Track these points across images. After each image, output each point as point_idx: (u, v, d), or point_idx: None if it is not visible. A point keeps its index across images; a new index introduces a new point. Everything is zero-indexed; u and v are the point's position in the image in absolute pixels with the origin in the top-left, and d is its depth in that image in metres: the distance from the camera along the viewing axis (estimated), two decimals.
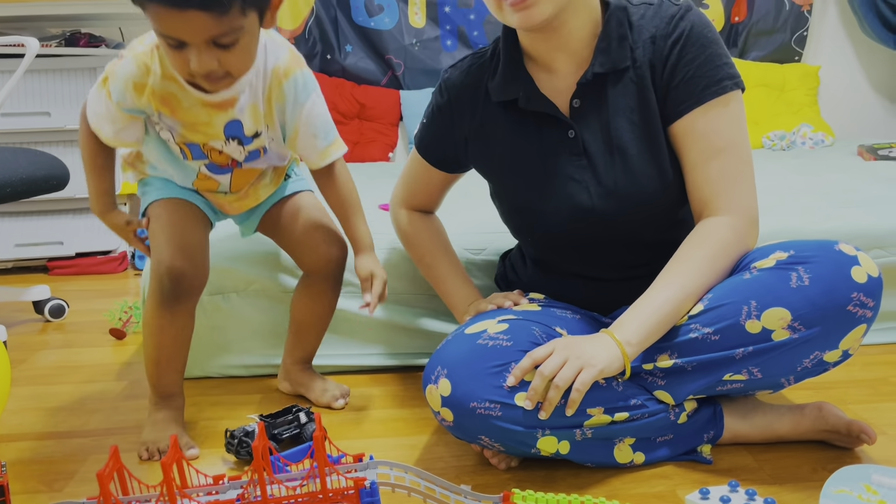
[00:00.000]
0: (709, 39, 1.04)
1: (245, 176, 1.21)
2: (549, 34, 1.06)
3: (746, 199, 1.03)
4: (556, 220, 1.12)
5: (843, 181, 1.92)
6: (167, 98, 1.08)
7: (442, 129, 1.21)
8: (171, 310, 1.16)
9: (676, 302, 0.99)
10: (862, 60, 3.04)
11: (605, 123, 1.08)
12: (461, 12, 2.86)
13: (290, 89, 1.11)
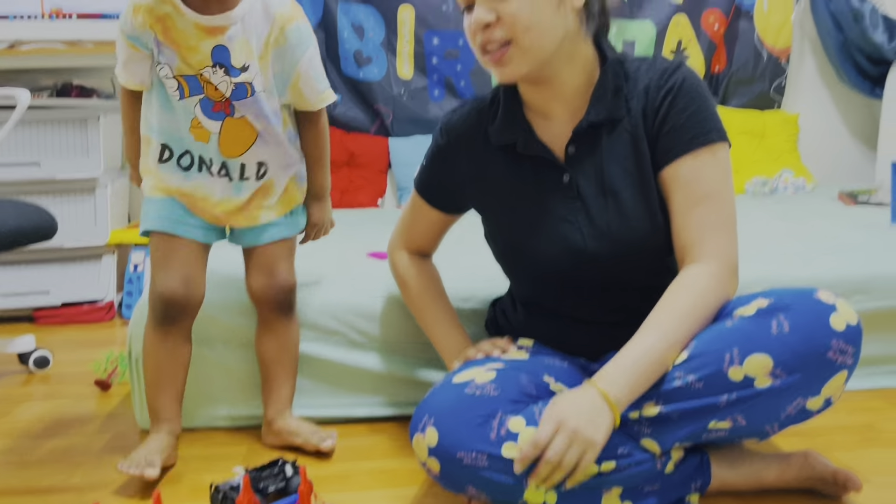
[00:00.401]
0: (698, 93, 1.09)
1: (236, 130, 1.23)
2: (542, 86, 1.11)
3: (727, 248, 1.06)
4: (548, 259, 1.14)
5: (825, 227, 1.95)
6: (162, 18, 1.16)
7: (441, 170, 1.25)
8: (166, 331, 1.27)
9: (662, 352, 1.00)
10: (840, 107, 3.11)
11: (598, 169, 1.12)
12: (448, 63, 2.91)
13: (294, 34, 1.20)
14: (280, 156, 1.29)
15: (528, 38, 1.04)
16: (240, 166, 1.25)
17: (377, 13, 2.85)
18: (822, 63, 3.05)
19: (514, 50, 1.04)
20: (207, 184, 1.26)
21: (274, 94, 1.25)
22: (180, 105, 1.21)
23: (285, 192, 1.34)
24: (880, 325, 1.50)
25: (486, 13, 1.04)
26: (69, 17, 2.53)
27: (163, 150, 1.24)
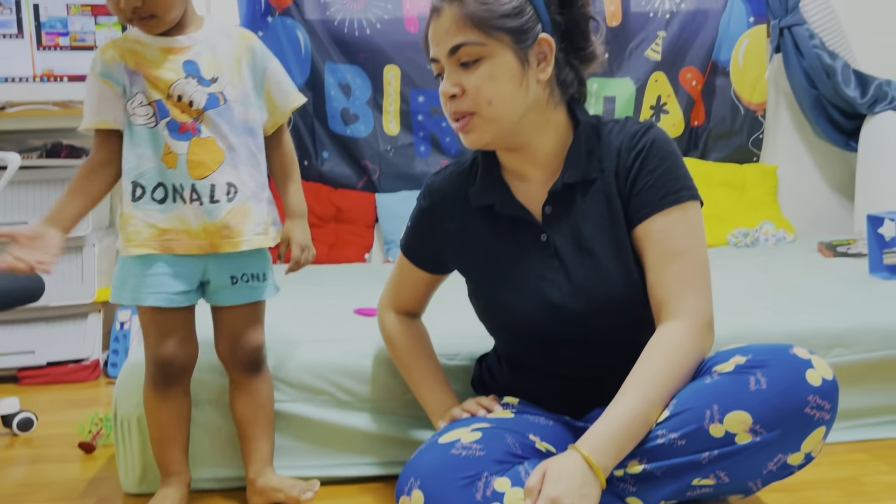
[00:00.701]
0: (668, 153, 1.13)
1: (204, 150, 1.24)
2: (516, 151, 1.16)
3: (701, 305, 1.08)
4: (528, 316, 1.17)
5: (805, 279, 1.99)
6: (131, 51, 1.24)
7: (426, 231, 1.28)
8: (165, 391, 1.32)
9: (644, 413, 1.01)
10: (817, 160, 3.18)
11: (575, 228, 1.15)
12: (433, 120, 2.97)
13: (258, 47, 1.30)
14: (252, 178, 1.29)
15: (489, 109, 1.09)
16: (209, 188, 1.25)
17: (363, 73, 2.92)
18: (797, 117, 3.14)
19: (477, 120, 1.10)
20: (183, 214, 1.26)
21: (251, 106, 1.29)
22: (152, 134, 1.23)
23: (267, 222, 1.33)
24: (861, 377, 1.52)
25: (450, 86, 1.10)
26: (60, 80, 2.58)
27: (134, 188, 1.25)
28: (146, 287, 1.27)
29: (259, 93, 1.31)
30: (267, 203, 1.33)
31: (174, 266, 1.28)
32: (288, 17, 2.86)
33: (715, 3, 2.99)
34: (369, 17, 2.90)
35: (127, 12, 1.20)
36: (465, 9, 1.08)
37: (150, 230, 1.26)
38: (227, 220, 1.26)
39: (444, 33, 1.10)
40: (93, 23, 2.58)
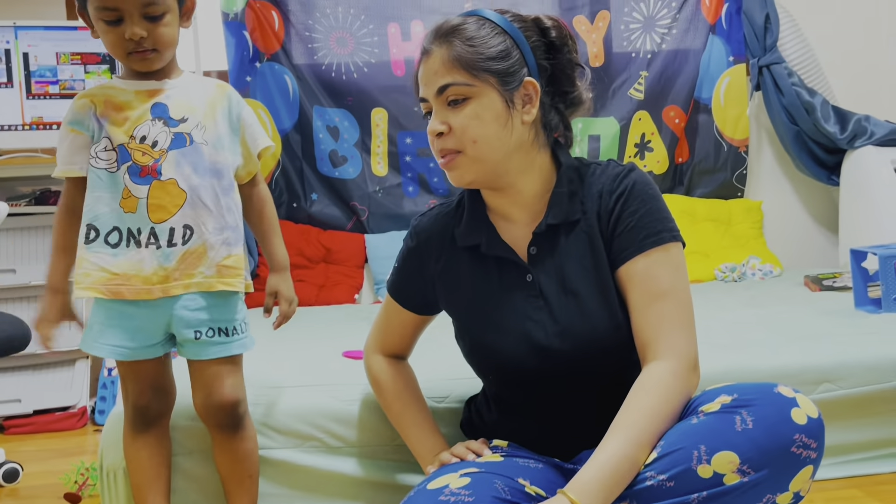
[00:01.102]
0: (649, 195, 1.14)
1: (163, 193, 1.24)
2: (501, 192, 1.17)
3: (686, 345, 1.09)
4: (514, 356, 1.17)
5: (791, 314, 2.00)
6: (104, 96, 1.26)
7: (412, 272, 1.28)
8: (143, 434, 1.32)
9: (631, 456, 1.00)
10: (800, 194, 3.23)
11: (559, 268, 1.16)
12: (421, 161, 3.00)
13: (233, 94, 1.34)
14: (211, 219, 1.27)
15: (474, 149, 1.11)
16: (168, 231, 1.24)
17: (351, 116, 2.96)
18: (779, 152, 3.19)
19: (462, 158, 1.12)
20: (136, 259, 1.23)
21: (223, 149, 1.29)
22: (112, 178, 1.24)
23: (224, 265, 1.28)
24: (849, 412, 1.52)
25: (438, 124, 1.12)
26: (50, 128, 2.60)
27: (88, 230, 1.25)
28: (103, 338, 1.27)
29: (235, 139, 1.32)
30: (224, 245, 1.28)
31: (133, 319, 1.25)
32: (276, 63, 2.90)
33: (695, 43, 3.06)
34: (356, 61, 2.94)
35: (130, 46, 1.22)
36: (452, 51, 1.11)
37: (101, 274, 1.24)
38: (180, 264, 1.25)
39: (432, 74, 1.12)
40: (82, 71, 2.61)
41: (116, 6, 1.19)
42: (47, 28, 2.59)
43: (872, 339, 1.66)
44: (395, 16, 2.95)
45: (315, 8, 2.91)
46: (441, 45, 1.12)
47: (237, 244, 1.30)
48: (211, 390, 1.31)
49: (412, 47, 2.96)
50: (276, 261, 1.40)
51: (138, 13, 1.20)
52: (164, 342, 1.30)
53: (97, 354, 1.29)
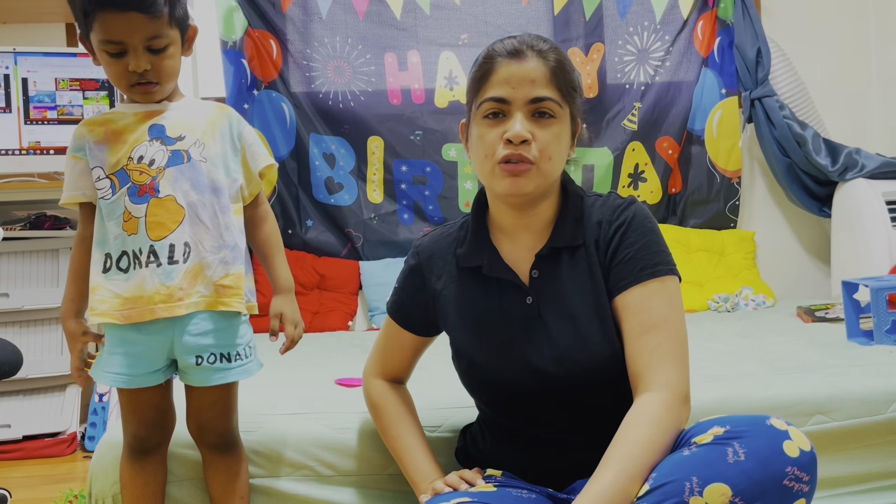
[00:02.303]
0: (648, 229, 1.17)
1: (162, 210, 1.24)
2: (523, 211, 1.20)
3: (678, 377, 1.10)
4: (510, 378, 1.18)
5: (784, 345, 2.00)
6: (101, 122, 1.29)
7: (413, 291, 1.30)
8: (141, 462, 1.33)
9: (624, 487, 1.01)
10: (793, 225, 3.25)
11: (559, 293, 1.18)
12: (417, 189, 3.02)
13: (232, 115, 1.35)
14: (209, 237, 1.27)
15: (547, 165, 1.14)
16: (168, 248, 1.24)
17: (347, 144, 2.99)
18: (772, 184, 3.22)
19: (534, 170, 1.13)
20: (139, 279, 1.24)
21: (219, 167, 1.29)
22: (111, 204, 1.25)
23: (222, 285, 1.28)
24: (842, 444, 1.52)
25: (525, 131, 1.11)
26: (47, 153, 2.61)
27: (105, 259, 1.26)
28: (107, 365, 1.27)
29: (236, 158, 1.33)
30: (221, 264, 1.27)
31: (135, 346, 1.26)
32: (273, 90, 2.93)
33: (688, 75, 3.10)
34: (353, 90, 2.97)
35: (133, 78, 1.23)
36: (549, 65, 1.13)
37: (115, 300, 1.24)
38: (182, 282, 1.24)
39: (528, 80, 1.12)
40: (80, 97, 2.63)
41: (121, 40, 1.21)
42: (46, 54, 2.61)
43: (864, 371, 1.67)
44: (392, 46, 2.98)
45: (313, 37, 2.95)
46: (541, 58, 1.13)
47: (235, 263, 1.29)
48: (207, 414, 1.33)
49: (409, 77, 3.00)
50: (280, 283, 1.39)
51: (142, 46, 1.22)
52: (165, 368, 1.31)
53: (101, 382, 1.29)
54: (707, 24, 3.06)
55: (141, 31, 1.20)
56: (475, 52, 3.09)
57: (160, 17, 1.21)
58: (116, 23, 1.19)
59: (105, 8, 1.19)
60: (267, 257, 1.39)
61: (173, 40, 1.25)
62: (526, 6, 3.03)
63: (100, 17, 1.19)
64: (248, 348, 1.33)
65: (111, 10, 1.19)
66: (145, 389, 1.29)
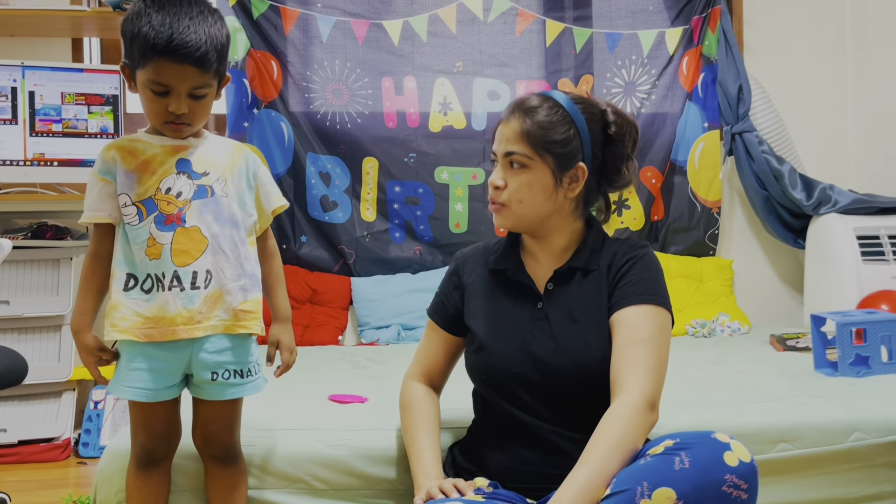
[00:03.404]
0: (655, 268, 1.36)
1: (187, 239, 1.32)
2: (536, 239, 1.40)
3: (651, 386, 1.24)
4: (512, 361, 1.35)
5: (755, 374, 2.11)
6: (130, 149, 1.36)
7: (450, 290, 1.49)
8: (147, 472, 1.40)
9: (599, 483, 1.15)
10: (769, 255, 3.37)
11: (568, 303, 1.36)
12: (409, 209, 3.12)
13: (249, 155, 1.45)
14: (229, 266, 1.36)
15: (518, 207, 1.36)
16: (191, 274, 1.32)
17: (343, 164, 3.07)
18: (750, 215, 3.34)
19: (506, 210, 1.37)
20: (162, 302, 1.32)
21: (236, 203, 1.38)
22: (137, 230, 1.32)
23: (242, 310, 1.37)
24: (803, 471, 1.62)
25: (498, 179, 1.37)
26: (51, 164, 2.68)
27: (128, 279, 1.33)
28: (128, 381, 1.34)
29: (250, 195, 1.43)
30: (241, 291, 1.37)
31: (156, 361, 1.34)
32: (273, 110, 3.01)
33: (673, 108, 3.22)
34: (350, 112, 3.07)
35: (170, 117, 1.31)
36: (525, 125, 1.34)
37: (137, 318, 1.33)
38: (202, 307, 1.34)
39: (504, 138, 1.36)
40: (86, 111, 2.71)
41: (170, 84, 1.29)
42: (54, 69, 2.68)
43: (827, 402, 1.77)
44: (389, 71, 3.08)
45: (313, 60, 3.04)
46: (518, 118, 1.35)
47: (254, 290, 1.40)
48: (213, 427, 1.41)
49: (404, 101, 3.10)
50: (280, 312, 1.49)
51: (186, 93, 1.30)
52: (180, 383, 1.39)
53: (121, 396, 1.36)
54: (692, 61, 3.18)
55: (189, 81, 1.29)
56: (469, 80, 3.21)
57: (210, 71, 1.31)
58: (170, 71, 1.27)
59: (165, 57, 1.26)
60: (271, 288, 1.48)
61: (213, 89, 1.35)
62: (519, 37, 3.14)
63: (156, 61, 1.27)
64: (257, 365, 1.43)
65: (170, 60, 1.26)
66: (158, 403, 1.36)
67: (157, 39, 1.25)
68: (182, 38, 1.25)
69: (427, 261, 3.11)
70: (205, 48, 1.28)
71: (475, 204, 3.10)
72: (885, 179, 3.16)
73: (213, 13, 1.33)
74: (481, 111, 3.10)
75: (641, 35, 3.18)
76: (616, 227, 3.20)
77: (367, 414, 1.69)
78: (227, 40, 1.36)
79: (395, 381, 2.06)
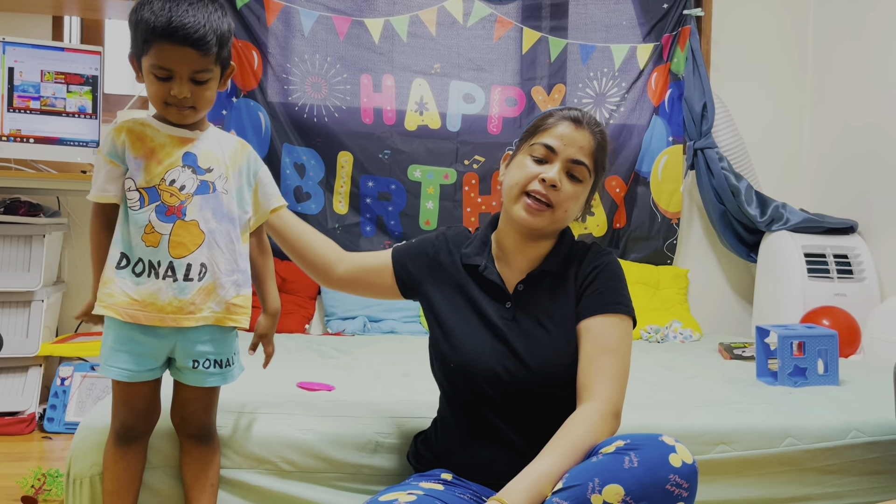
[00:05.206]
0: (618, 276, 1.44)
1: (185, 232, 1.37)
2: (525, 240, 1.45)
3: (616, 395, 1.33)
4: (479, 354, 1.41)
5: (702, 379, 2.24)
6: (139, 134, 1.39)
7: (420, 252, 1.55)
8: (125, 448, 1.45)
9: (553, 476, 1.24)
10: (723, 266, 3.53)
11: (535, 306, 1.43)
12: (381, 204, 3.19)
13: (251, 154, 1.48)
14: (224, 260, 1.41)
15: (562, 213, 1.40)
16: (185, 266, 1.37)
17: (318, 156, 3.13)
18: (707, 227, 3.49)
19: (549, 213, 1.39)
20: (154, 289, 1.36)
21: (234, 199, 1.43)
22: (138, 215, 1.37)
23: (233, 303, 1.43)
24: (741, 472, 1.74)
25: (557, 179, 1.38)
26: (27, 141, 2.69)
27: (121, 257, 1.37)
28: (111, 360, 1.39)
29: (249, 193, 1.47)
30: (233, 285, 1.43)
31: (140, 345, 1.39)
32: (252, 99, 3.06)
33: (640, 120, 3.35)
34: (328, 105, 3.13)
35: (172, 100, 1.35)
36: (596, 143, 1.42)
37: (123, 298, 1.37)
38: (194, 298, 1.39)
39: (577, 145, 1.39)
40: (65, 90, 2.72)
41: (171, 68, 1.33)
42: (35, 46, 2.69)
43: (765, 409, 1.90)
44: (368, 68, 3.15)
45: (294, 53, 3.10)
46: (591, 131, 1.41)
47: (245, 285, 1.46)
48: (192, 409, 1.47)
49: (382, 98, 3.17)
50: (270, 304, 1.54)
51: (187, 76, 1.34)
52: (162, 366, 1.44)
53: (104, 375, 1.40)
54: (660, 76, 3.31)
55: (190, 65, 1.33)
56: (446, 82, 3.28)
57: (210, 55, 1.35)
58: (171, 54, 1.32)
59: (164, 40, 1.31)
60: (263, 282, 1.53)
61: (215, 75, 1.38)
62: (497, 43, 3.23)
63: (157, 45, 1.32)
64: (234, 355, 1.49)
65: (169, 42, 1.31)
66: (140, 383, 1.41)
67: (156, 23, 1.30)
68: (180, 20, 1.30)
69: None
70: (203, 31, 1.32)
71: (446, 203, 3.19)
72: (835, 201, 3.33)
73: (215, 3, 1.38)
74: (456, 112, 3.19)
75: (614, 49, 3.30)
76: (580, 233, 3.32)
77: (334, 401, 1.77)
78: (230, 30, 1.40)
79: (361, 371, 2.16)
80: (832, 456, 1.77)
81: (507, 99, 3.23)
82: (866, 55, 3.18)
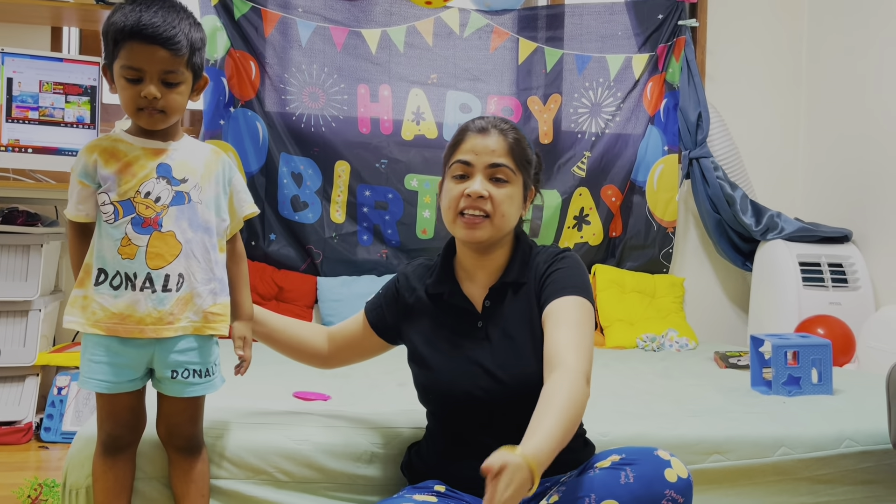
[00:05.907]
0: (576, 265, 1.45)
1: (162, 243, 1.38)
2: (481, 255, 1.47)
3: (584, 363, 1.30)
4: (455, 381, 1.43)
5: (697, 388, 2.24)
6: (112, 151, 1.40)
7: (389, 302, 1.57)
8: (113, 458, 1.45)
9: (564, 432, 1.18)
10: (719, 275, 3.54)
11: (503, 318, 1.44)
12: (377, 213, 3.20)
13: (225, 161, 1.50)
14: (201, 270, 1.42)
15: (500, 220, 1.42)
16: (163, 277, 1.38)
17: (315, 165, 3.15)
18: (703, 236, 3.50)
19: (488, 222, 1.41)
20: (132, 301, 1.37)
21: (211, 209, 1.44)
22: (113, 228, 1.38)
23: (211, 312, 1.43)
24: (733, 481, 1.75)
25: (483, 189, 1.40)
26: (25, 151, 2.71)
27: (99, 273, 1.38)
28: (90, 372, 1.40)
29: (225, 200, 1.49)
30: (210, 294, 1.43)
31: (118, 356, 1.39)
32: (249, 109, 3.07)
33: (636, 130, 3.37)
34: (325, 115, 3.14)
35: (143, 103, 1.35)
36: (510, 142, 1.43)
37: (104, 312, 1.38)
38: (173, 308, 1.40)
39: (489, 150, 1.42)
40: (63, 100, 2.74)
41: (141, 67, 1.34)
42: (34, 57, 2.71)
43: (759, 418, 1.91)
44: (365, 78, 3.17)
45: (291, 63, 3.11)
46: (500, 133, 1.43)
47: (223, 293, 1.47)
48: (176, 420, 1.47)
49: (379, 108, 3.18)
50: (244, 310, 1.55)
51: (158, 77, 1.35)
52: (143, 376, 1.44)
53: (85, 388, 1.41)
54: (656, 86, 3.33)
55: (159, 64, 1.34)
56: (443, 92, 3.31)
57: (180, 56, 1.36)
58: (141, 53, 1.33)
59: (134, 39, 1.33)
60: (237, 288, 1.54)
61: (186, 80, 1.40)
62: (493, 53, 3.25)
63: (128, 45, 1.33)
64: (215, 365, 1.49)
65: (139, 41, 1.33)
66: (122, 394, 1.41)
67: (126, 23, 1.32)
68: (150, 20, 1.32)
69: (393, 264, 3.20)
70: (172, 31, 1.33)
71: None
72: (829, 210, 3.35)
73: (188, 13, 1.40)
74: (453, 122, 3.20)
75: (609, 59, 3.32)
76: (576, 242, 3.33)
77: (329, 411, 1.78)
78: (202, 40, 1.42)
79: (357, 381, 2.16)
80: (825, 465, 1.78)
81: (504, 109, 3.25)
82: (860, 65, 3.21)
